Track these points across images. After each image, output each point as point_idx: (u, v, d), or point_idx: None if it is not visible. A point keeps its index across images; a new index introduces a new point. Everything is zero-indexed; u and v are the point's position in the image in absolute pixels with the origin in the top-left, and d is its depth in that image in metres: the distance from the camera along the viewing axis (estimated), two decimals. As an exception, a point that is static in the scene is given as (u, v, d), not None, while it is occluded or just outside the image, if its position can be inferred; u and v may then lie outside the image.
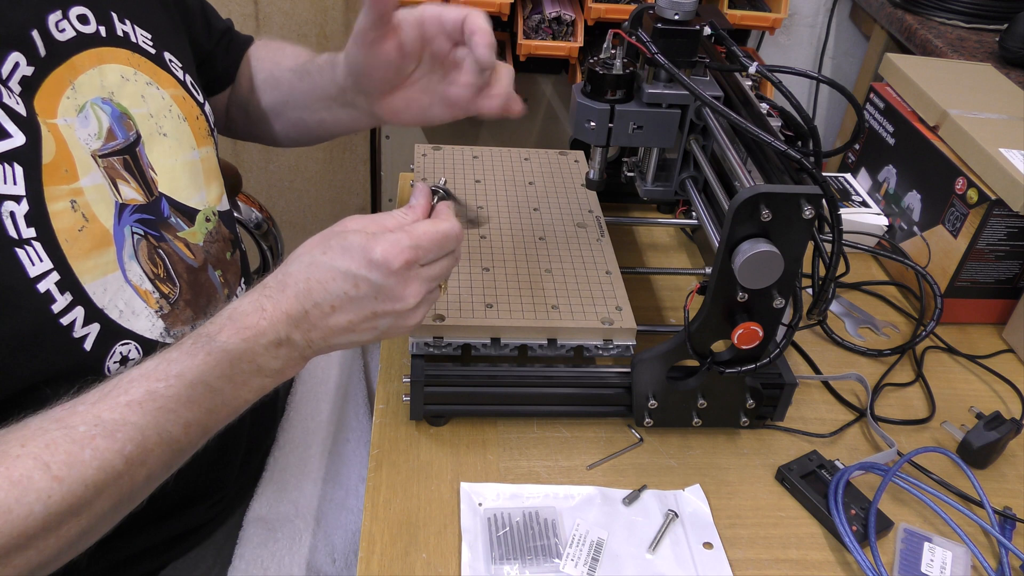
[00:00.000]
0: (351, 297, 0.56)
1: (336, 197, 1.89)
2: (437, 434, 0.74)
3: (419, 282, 0.58)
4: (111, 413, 0.50)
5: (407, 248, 0.56)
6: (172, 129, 0.71)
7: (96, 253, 0.60)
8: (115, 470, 0.49)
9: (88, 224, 0.60)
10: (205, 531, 0.77)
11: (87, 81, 0.63)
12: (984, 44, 1.46)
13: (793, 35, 1.86)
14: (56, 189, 0.57)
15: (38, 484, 0.47)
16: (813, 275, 0.69)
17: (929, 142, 0.98)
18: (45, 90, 0.59)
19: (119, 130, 0.65)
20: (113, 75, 0.65)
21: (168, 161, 0.69)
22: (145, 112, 0.68)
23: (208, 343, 0.54)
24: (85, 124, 0.61)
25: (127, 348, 0.61)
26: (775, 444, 0.77)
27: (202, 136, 0.74)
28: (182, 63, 0.75)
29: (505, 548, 0.65)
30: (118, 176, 0.64)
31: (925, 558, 0.67)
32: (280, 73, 0.87)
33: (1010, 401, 0.85)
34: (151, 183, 0.67)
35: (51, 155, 0.58)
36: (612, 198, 0.99)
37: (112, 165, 0.63)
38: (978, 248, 0.90)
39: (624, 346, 0.74)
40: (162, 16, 0.75)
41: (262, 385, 0.57)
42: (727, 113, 0.66)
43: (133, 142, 0.66)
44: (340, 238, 0.57)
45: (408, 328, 0.60)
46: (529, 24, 1.45)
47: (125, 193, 0.64)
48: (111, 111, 0.64)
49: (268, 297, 0.56)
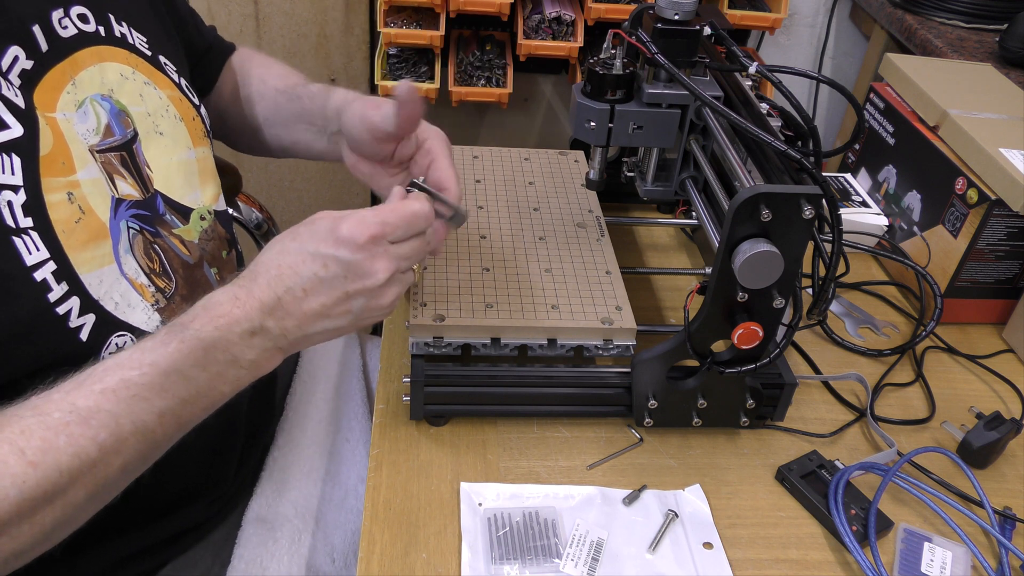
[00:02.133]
0: (321, 278, 0.57)
1: (336, 197, 1.89)
2: (437, 434, 0.74)
3: (388, 258, 0.58)
4: (85, 400, 0.50)
5: (373, 224, 0.57)
6: (169, 128, 0.71)
7: (92, 245, 0.60)
8: (89, 458, 0.50)
9: (85, 216, 0.60)
10: (204, 530, 0.77)
11: (87, 78, 0.63)
12: (984, 44, 1.46)
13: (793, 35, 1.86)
14: (53, 181, 0.58)
15: (13, 469, 0.47)
16: (813, 275, 0.69)
17: (929, 142, 0.98)
18: (45, 84, 0.59)
19: (117, 127, 0.65)
20: (113, 73, 0.66)
21: (164, 159, 0.70)
22: (143, 111, 0.68)
23: (181, 331, 0.54)
24: (84, 119, 0.62)
25: (123, 340, 0.62)
26: (775, 444, 0.77)
27: (198, 137, 0.75)
28: (177, 67, 0.75)
29: (505, 548, 0.65)
30: (115, 172, 0.64)
31: (925, 558, 0.67)
32: (265, 90, 0.89)
33: (1010, 401, 0.85)
34: (147, 180, 0.68)
35: (48, 147, 0.58)
36: (612, 198, 0.99)
37: (109, 160, 0.64)
38: (978, 248, 0.90)
39: (624, 346, 0.74)
40: (156, 22, 0.76)
41: (237, 377, 0.57)
42: (727, 113, 0.66)
43: (131, 139, 0.66)
44: (308, 225, 0.58)
45: (382, 309, 0.60)
46: (529, 24, 1.45)
47: (121, 188, 0.64)
48: (110, 108, 0.65)
49: (241, 287, 0.57)
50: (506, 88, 1.49)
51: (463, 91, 1.47)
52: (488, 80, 1.50)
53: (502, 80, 1.49)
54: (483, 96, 1.48)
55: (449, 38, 1.54)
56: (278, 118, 0.87)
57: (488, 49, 1.52)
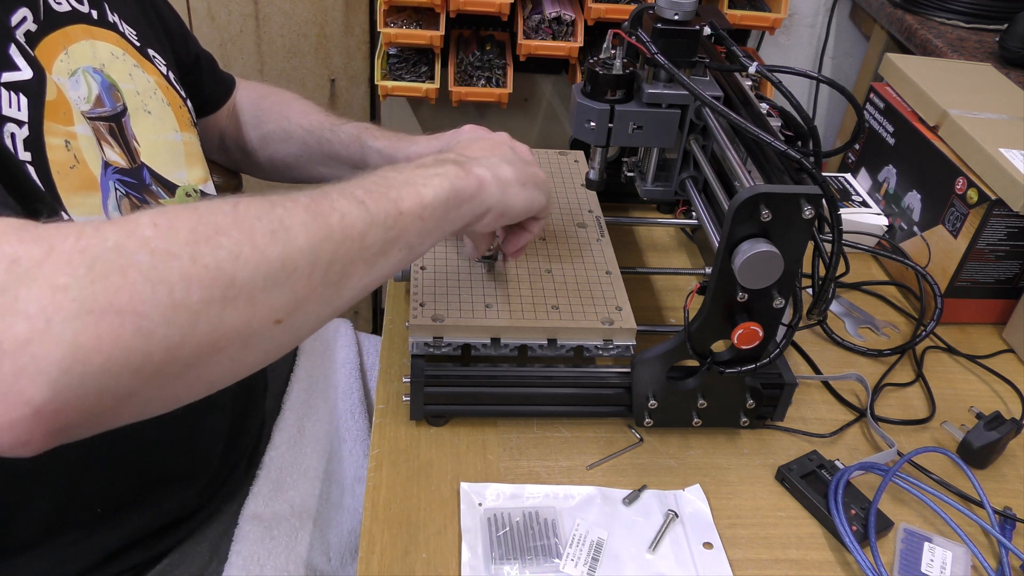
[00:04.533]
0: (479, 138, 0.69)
1: (336, 197, 1.89)
2: (437, 434, 0.74)
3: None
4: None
5: None
6: (156, 109, 0.73)
7: (84, 193, 0.62)
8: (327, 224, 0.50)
9: (79, 165, 0.62)
10: (197, 520, 0.77)
11: (79, 50, 0.65)
12: (984, 44, 1.46)
13: (793, 35, 1.86)
14: (54, 126, 0.60)
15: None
16: (813, 275, 0.69)
17: (929, 142, 0.98)
18: (43, 48, 0.62)
19: (107, 99, 0.67)
20: (104, 51, 0.68)
21: (151, 136, 0.72)
22: (132, 88, 0.70)
23: None
24: (76, 87, 0.64)
25: None
26: (775, 444, 0.77)
27: (185, 123, 0.77)
28: (165, 63, 0.77)
29: (505, 548, 0.65)
30: (103, 139, 0.66)
31: (925, 558, 0.67)
32: (291, 128, 0.92)
33: (1010, 401, 0.85)
34: (134, 152, 0.69)
35: (54, 95, 0.61)
36: (612, 198, 0.99)
37: (98, 128, 0.66)
38: (978, 248, 0.90)
39: (624, 346, 0.74)
40: (146, 24, 0.78)
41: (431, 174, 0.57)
42: (727, 113, 0.66)
43: (120, 112, 0.68)
44: None
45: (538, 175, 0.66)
46: (529, 24, 1.45)
47: (108, 154, 0.66)
48: (101, 80, 0.67)
49: None
50: (506, 88, 1.48)
51: (463, 91, 1.47)
52: (488, 80, 1.50)
53: (502, 80, 1.49)
54: (483, 96, 1.48)
55: (449, 38, 1.53)
56: (310, 158, 0.92)
57: (488, 49, 1.52)
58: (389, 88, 1.48)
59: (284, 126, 0.92)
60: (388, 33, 1.43)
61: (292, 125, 0.92)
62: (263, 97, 0.96)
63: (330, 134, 0.89)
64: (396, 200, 0.53)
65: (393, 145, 0.85)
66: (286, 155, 0.93)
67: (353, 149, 0.87)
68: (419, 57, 1.54)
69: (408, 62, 1.53)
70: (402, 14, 1.48)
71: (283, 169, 0.96)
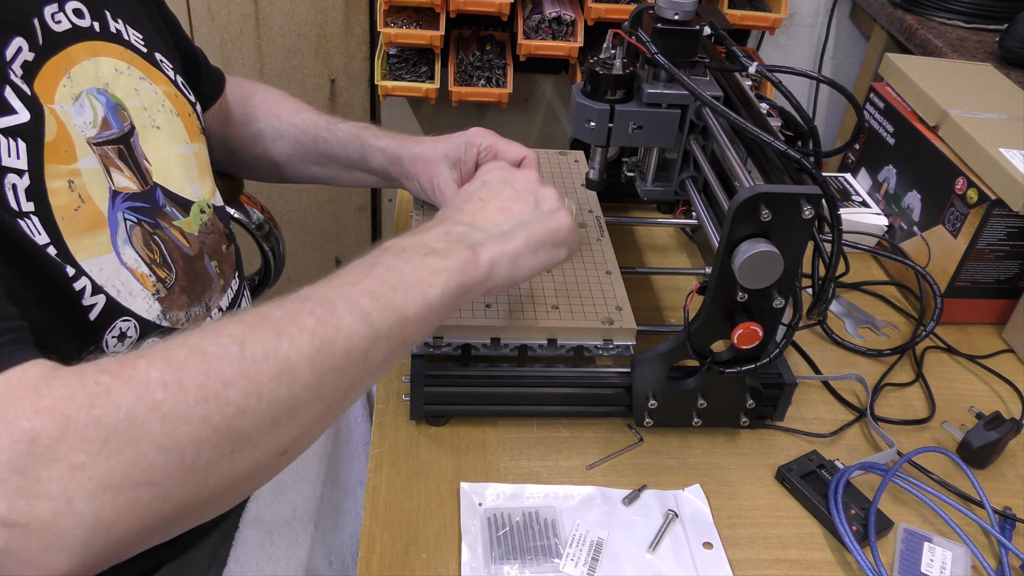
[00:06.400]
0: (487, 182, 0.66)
1: (336, 197, 1.89)
2: (437, 434, 0.74)
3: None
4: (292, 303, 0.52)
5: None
6: (165, 123, 0.72)
7: (91, 233, 0.61)
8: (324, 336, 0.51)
9: (84, 205, 0.61)
10: (197, 532, 0.77)
11: (82, 71, 0.64)
12: (984, 44, 1.46)
13: (793, 35, 1.86)
14: (56, 168, 0.59)
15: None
16: (813, 275, 0.69)
17: (929, 142, 0.98)
18: (43, 76, 0.60)
19: (114, 120, 0.66)
20: (107, 67, 0.67)
21: (162, 153, 0.70)
22: (139, 104, 0.69)
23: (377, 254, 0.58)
24: (81, 112, 0.63)
25: (127, 325, 0.63)
26: (775, 444, 0.77)
27: (195, 133, 0.75)
28: (172, 65, 0.76)
29: (505, 548, 0.65)
30: (112, 164, 0.65)
31: (925, 558, 0.67)
32: (283, 127, 0.91)
33: (1010, 401, 0.85)
34: (146, 173, 0.68)
35: (53, 135, 0.59)
36: (612, 198, 0.99)
37: (106, 153, 0.64)
38: (978, 248, 0.90)
39: (624, 346, 0.74)
40: (149, 22, 0.76)
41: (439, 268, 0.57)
42: (727, 113, 0.66)
43: (127, 132, 0.67)
44: None
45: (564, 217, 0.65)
46: (529, 24, 1.45)
47: (118, 181, 0.65)
48: (106, 101, 0.66)
49: None
50: (506, 88, 1.49)
51: (463, 91, 1.47)
52: (488, 80, 1.50)
53: (502, 80, 1.49)
54: (483, 96, 1.48)
55: (449, 38, 1.53)
56: (303, 157, 0.91)
57: (488, 49, 1.52)
58: (389, 88, 1.48)
59: (275, 124, 0.90)
60: (388, 33, 1.43)
61: (284, 123, 0.90)
62: (250, 95, 0.94)
63: (327, 133, 0.88)
64: (401, 308, 0.54)
65: (396, 144, 0.85)
66: (277, 154, 0.92)
67: (352, 148, 0.86)
68: (419, 57, 1.54)
69: (408, 62, 1.53)
70: (402, 14, 1.48)
71: (270, 168, 0.94)
